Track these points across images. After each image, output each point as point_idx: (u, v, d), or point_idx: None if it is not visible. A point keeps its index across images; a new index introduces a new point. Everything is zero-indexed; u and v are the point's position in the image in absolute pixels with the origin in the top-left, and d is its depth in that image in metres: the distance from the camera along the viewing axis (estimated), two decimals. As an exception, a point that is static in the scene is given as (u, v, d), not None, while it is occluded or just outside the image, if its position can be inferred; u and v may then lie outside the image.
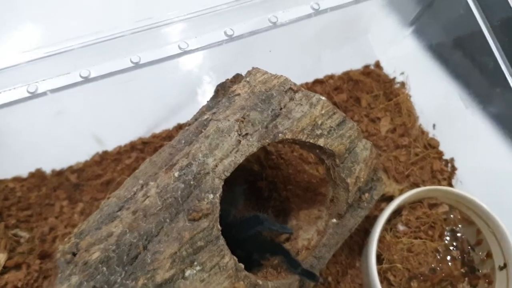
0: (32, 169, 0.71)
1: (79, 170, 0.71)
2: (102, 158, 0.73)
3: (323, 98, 0.56)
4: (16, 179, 0.70)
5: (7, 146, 0.71)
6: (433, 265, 0.66)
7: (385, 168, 0.76)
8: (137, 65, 0.59)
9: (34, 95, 0.56)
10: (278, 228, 0.61)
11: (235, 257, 0.48)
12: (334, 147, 0.55)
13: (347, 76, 0.83)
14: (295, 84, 0.57)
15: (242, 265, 0.48)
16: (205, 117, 0.56)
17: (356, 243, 0.71)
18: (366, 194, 0.59)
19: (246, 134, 0.53)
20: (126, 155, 0.72)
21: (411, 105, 0.82)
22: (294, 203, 0.68)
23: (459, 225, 0.71)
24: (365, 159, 0.57)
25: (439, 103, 0.81)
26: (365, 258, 0.66)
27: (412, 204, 0.70)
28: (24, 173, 0.71)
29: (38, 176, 0.70)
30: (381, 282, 0.65)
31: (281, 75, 0.57)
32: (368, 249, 0.64)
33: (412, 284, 0.65)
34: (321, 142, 0.55)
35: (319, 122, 0.55)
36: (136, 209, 0.50)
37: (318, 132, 0.55)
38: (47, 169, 0.72)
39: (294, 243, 0.60)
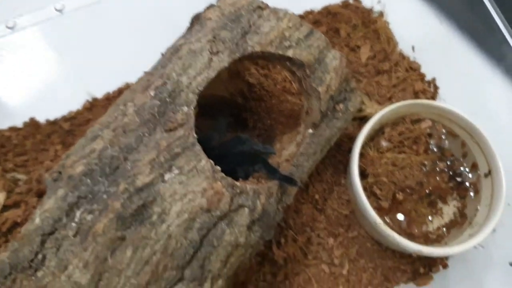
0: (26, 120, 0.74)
1: (71, 118, 0.74)
2: (92, 105, 0.75)
3: (290, 12, 0.58)
4: (12, 129, 0.72)
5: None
6: (419, 179, 0.67)
7: (367, 92, 0.77)
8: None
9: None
10: (260, 148, 0.62)
11: (211, 161, 0.50)
12: (303, 57, 0.57)
13: (326, 10, 0.85)
14: (263, 2, 0.59)
15: (218, 168, 0.50)
16: (179, 43, 0.58)
17: (340, 162, 0.73)
18: (341, 105, 0.61)
19: (217, 51, 0.56)
20: (114, 100, 0.75)
21: (390, 31, 0.83)
22: (278, 129, 0.70)
23: (444, 138, 0.72)
24: (335, 68, 0.59)
25: (416, 25, 0.82)
26: (349, 173, 0.67)
27: (395, 121, 0.71)
28: (19, 123, 0.73)
29: (32, 125, 0.72)
30: (368, 197, 0.65)
31: (249, -5, 0.59)
32: (351, 162, 0.66)
33: (398, 197, 0.66)
34: (290, 53, 0.57)
35: (287, 35, 0.57)
36: (116, 127, 0.52)
37: (287, 44, 0.57)
38: (41, 119, 0.74)
39: (277, 158, 0.62)
